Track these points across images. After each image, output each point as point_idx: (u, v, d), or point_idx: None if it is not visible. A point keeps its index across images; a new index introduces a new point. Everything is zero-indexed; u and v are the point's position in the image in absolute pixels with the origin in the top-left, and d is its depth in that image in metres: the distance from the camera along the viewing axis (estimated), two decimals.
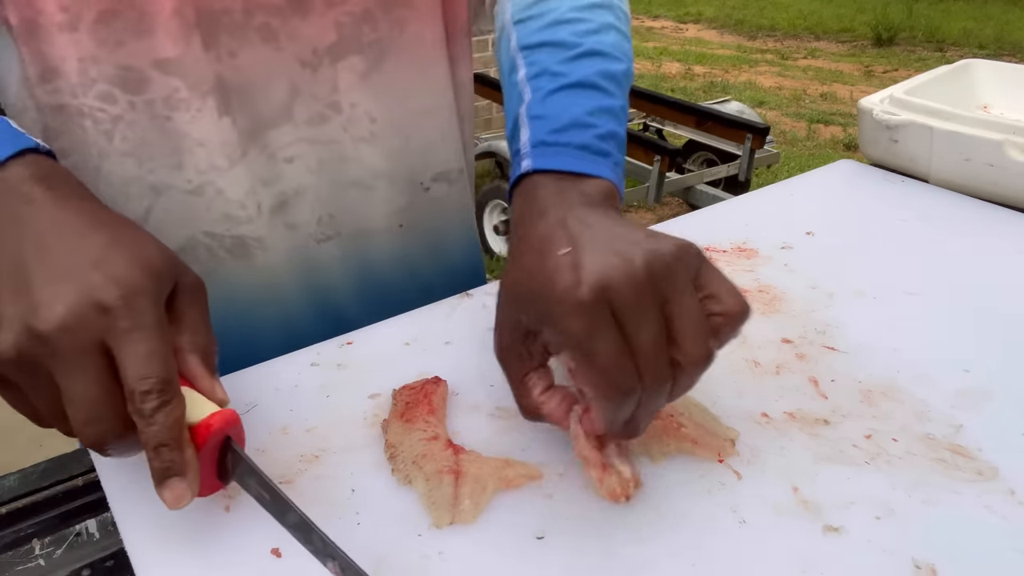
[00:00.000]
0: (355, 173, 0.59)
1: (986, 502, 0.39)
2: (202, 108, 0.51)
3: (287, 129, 0.55)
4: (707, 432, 0.43)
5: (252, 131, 0.54)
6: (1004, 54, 6.04)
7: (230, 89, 0.52)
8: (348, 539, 0.37)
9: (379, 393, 0.47)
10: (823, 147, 4.32)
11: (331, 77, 0.55)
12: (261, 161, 0.55)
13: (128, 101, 0.49)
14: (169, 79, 0.50)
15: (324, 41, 0.54)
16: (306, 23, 0.53)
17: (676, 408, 0.45)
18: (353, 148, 0.58)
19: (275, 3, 0.51)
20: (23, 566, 0.38)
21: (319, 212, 0.59)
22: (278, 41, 0.52)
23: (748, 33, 7.52)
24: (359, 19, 0.55)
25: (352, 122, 0.57)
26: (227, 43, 0.51)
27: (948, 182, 0.78)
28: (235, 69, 0.52)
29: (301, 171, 0.57)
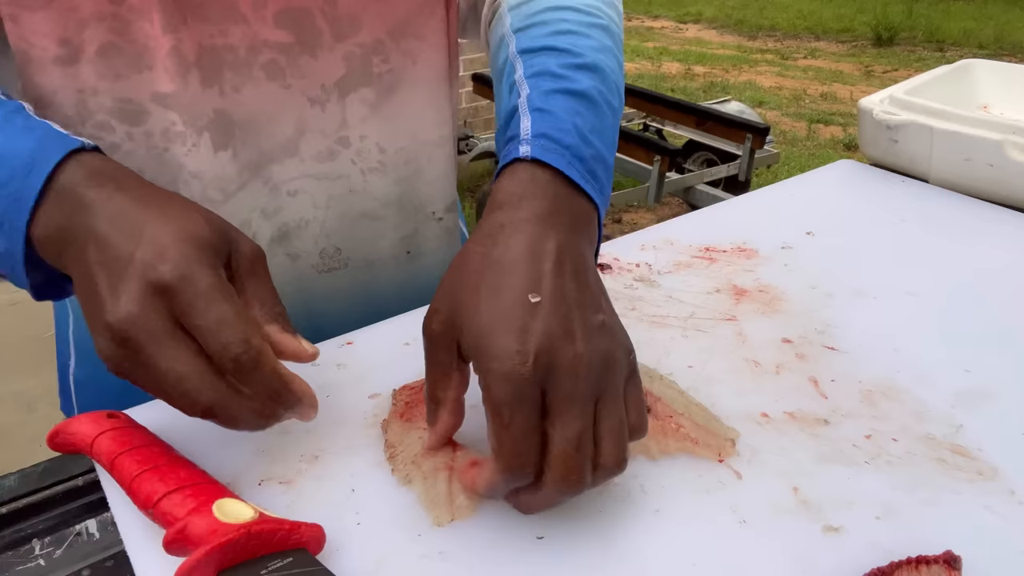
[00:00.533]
0: (364, 204, 0.59)
1: (986, 502, 0.39)
2: (198, 143, 0.51)
3: (292, 164, 0.55)
4: (707, 432, 0.43)
5: (255, 164, 0.54)
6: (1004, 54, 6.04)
7: (233, 124, 0.52)
8: (348, 539, 0.37)
9: (379, 393, 0.47)
10: (823, 147, 4.32)
11: (339, 112, 0.55)
12: (263, 193, 0.55)
13: (126, 132, 0.50)
14: (167, 112, 0.50)
15: (332, 76, 0.54)
16: (315, 60, 0.52)
17: (676, 408, 0.45)
18: (362, 180, 0.58)
19: (282, 41, 0.51)
20: (23, 566, 0.38)
21: (323, 244, 0.59)
22: (284, 78, 0.52)
23: (748, 33, 7.52)
24: (369, 51, 0.54)
25: (361, 154, 0.57)
26: (231, 79, 0.51)
27: (948, 182, 0.78)
28: (239, 105, 0.52)
29: (305, 205, 0.57)
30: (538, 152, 0.40)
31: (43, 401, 1.90)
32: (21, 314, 2.34)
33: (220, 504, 0.34)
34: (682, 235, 0.68)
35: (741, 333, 0.54)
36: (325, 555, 0.36)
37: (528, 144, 0.41)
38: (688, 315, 0.56)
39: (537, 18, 0.50)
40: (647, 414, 0.37)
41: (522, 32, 0.50)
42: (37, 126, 0.39)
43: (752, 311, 0.56)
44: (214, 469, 0.41)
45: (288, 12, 0.50)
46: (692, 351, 0.52)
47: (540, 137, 0.41)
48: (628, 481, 0.40)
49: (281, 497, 0.40)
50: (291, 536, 0.35)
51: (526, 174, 0.40)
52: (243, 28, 0.49)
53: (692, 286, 0.60)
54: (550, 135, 0.41)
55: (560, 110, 0.43)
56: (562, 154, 0.41)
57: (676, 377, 0.49)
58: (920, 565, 0.35)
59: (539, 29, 0.49)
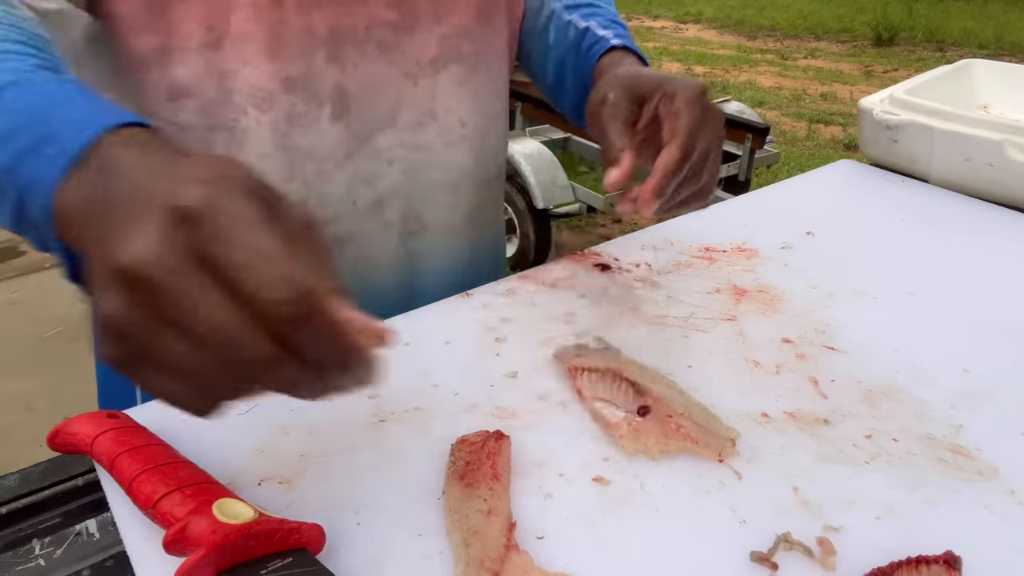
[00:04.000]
0: (443, 174, 0.64)
1: (986, 502, 0.39)
2: (318, 117, 0.56)
3: (390, 133, 0.60)
4: (707, 432, 0.43)
5: (363, 135, 0.59)
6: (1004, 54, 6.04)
7: (350, 97, 0.57)
8: (348, 539, 0.37)
9: (379, 393, 0.47)
10: (823, 147, 4.32)
11: (431, 86, 0.61)
12: (366, 162, 0.60)
13: (256, 119, 0.54)
14: (289, 96, 0.54)
15: (427, 54, 0.60)
16: (413, 38, 0.58)
17: (676, 409, 0.45)
18: (444, 152, 0.63)
19: (390, 19, 0.57)
20: (23, 566, 0.38)
21: (406, 210, 0.63)
22: (390, 54, 0.58)
23: (748, 33, 7.52)
24: (460, 33, 0.61)
25: (446, 128, 0.63)
26: (351, 55, 0.56)
27: (948, 182, 0.78)
28: (355, 79, 0.57)
29: (398, 173, 0.61)
30: (628, 43, 0.63)
31: (43, 401, 1.89)
32: (21, 314, 2.34)
33: (220, 504, 0.34)
34: (682, 235, 0.68)
35: (741, 333, 0.54)
36: (325, 555, 0.36)
37: (621, 39, 0.62)
38: (688, 315, 0.56)
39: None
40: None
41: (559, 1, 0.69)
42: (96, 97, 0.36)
43: (752, 311, 0.57)
44: (214, 469, 0.41)
45: None
46: (692, 351, 0.52)
47: (622, 38, 0.63)
48: (628, 481, 0.40)
49: (281, 497, 0.40)
50: (291, 536, 0.35)
51: (622, 53, 0.62)
52: (362, 8, 0.55)
53: (692, 286, 0.60)
54: (625, 37, 0.63)
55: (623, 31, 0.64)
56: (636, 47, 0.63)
57: (676, 377, 0.49)
58: (920, 565, 0.35)
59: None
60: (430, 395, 0.47)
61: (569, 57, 0.65)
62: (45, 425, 0.39)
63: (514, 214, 2.81)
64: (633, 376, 0.47)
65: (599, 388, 0.47)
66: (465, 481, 0.40)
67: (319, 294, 0.27)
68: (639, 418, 0.44)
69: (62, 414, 0.72)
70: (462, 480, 0.40)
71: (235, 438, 0.44)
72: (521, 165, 2.70)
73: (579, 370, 0.48)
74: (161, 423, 0.43)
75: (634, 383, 0.46)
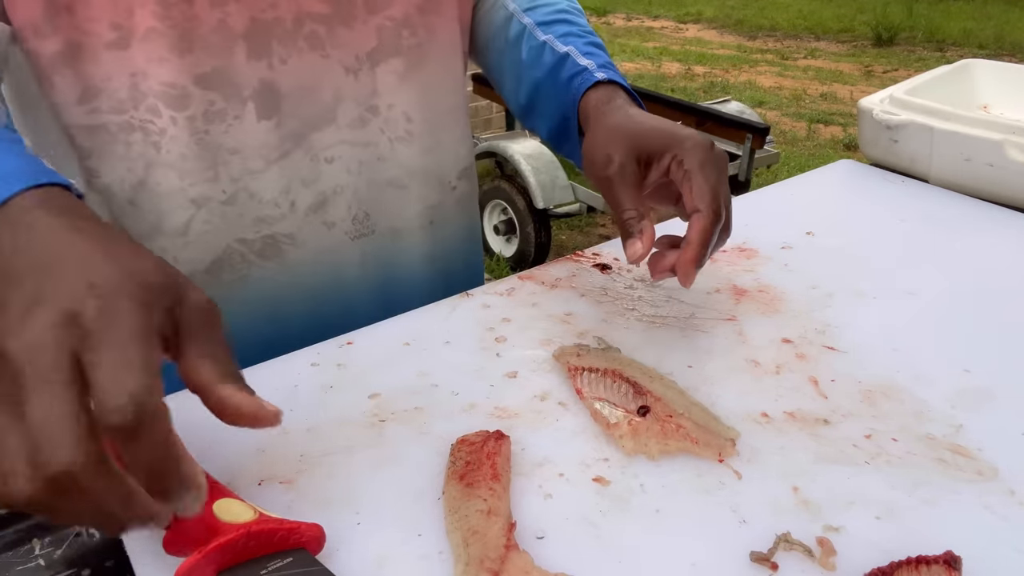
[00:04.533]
0: (391, 172, 0.63)
1: (986, 502, 0.39)
2: (240, 115, 0.54)
3: (330, 131, 0.58)
4: (707, 432, 0.43)
5: (298, 134, 0.57)
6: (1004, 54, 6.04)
7: (280, 95, 0.55)
8: (348, 539, 0.37)
9: (379, 393, 0.47)
10: (823, 147, 4.32)
11: (371, 81, 0.59)
12: (304, 162, 0.58)
13: (171, 117, 0.52)
14: (206, 93, 0.52)
15: (366, 47, 0.57)
16: (350, 30, 0.56)
17: (676, 409, 0.45)
18: (390, 148, 0.62)
19: (322, 12, 0.55)
20: (23, 566, 0.38)
21: (355, 210, 0.62)
22: (324, 48, 0.56)
23: (748, 33, 7.52)
24: (399, 24, 0.58)
25: (389, 123, 0.61)
26: (279, 51, 0.54)
27: (948, 182, 0.78)
28: (285, 75, 0.55)
29: (340, 171, 0.60)
30: (612, 75, 0.57)
31: None
32: None
33: (220, 504, 0.34)
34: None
35: (741, 333, 0.54)
36: (325, 555, 0.36)
37: (604, 71, 0.57)
38: (688, 315, 0.56)
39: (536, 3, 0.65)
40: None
41: (530, 11, 0.64)
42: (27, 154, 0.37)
43: (752, 311, 0.57)
44: (214, 469, 0.41)
45: None
46: (692, 351, 0.52)
47: (605, 67, 0.58)
48: (628, 481, 0.40)
49: (281, 497, 0.40)
50: (291, 536, 0.35)
51: (607, 88, 0.56)
52: (289, 1, 0.53)
53: (692, 286, 0.60)
54: (608, 67, 0.58)
55: (601, 54, 0.60)
56: (619, 76, 0.58)
57: (676, 377, 0.49)
58: (920, 565, 0.35)
59: (544, 9, 0.64)
60: (430, 395, 0.47)
61: (546, 84, 0.60)
62: None
63: (514, 214, 2.81)
64: (633, 376, 0.47)
65: (599, 388, 0.47)
66: (465, 481, 0.40)
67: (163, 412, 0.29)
68: (639, 418, 0.44)
69: None
70: (462, 480, 0.40)
71: (235, 438, 0.44)
72: (521, 165, 2.70)
73: (579, 370, 0.48)
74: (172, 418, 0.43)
75: (634, 383, 0.46)
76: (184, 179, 0.54)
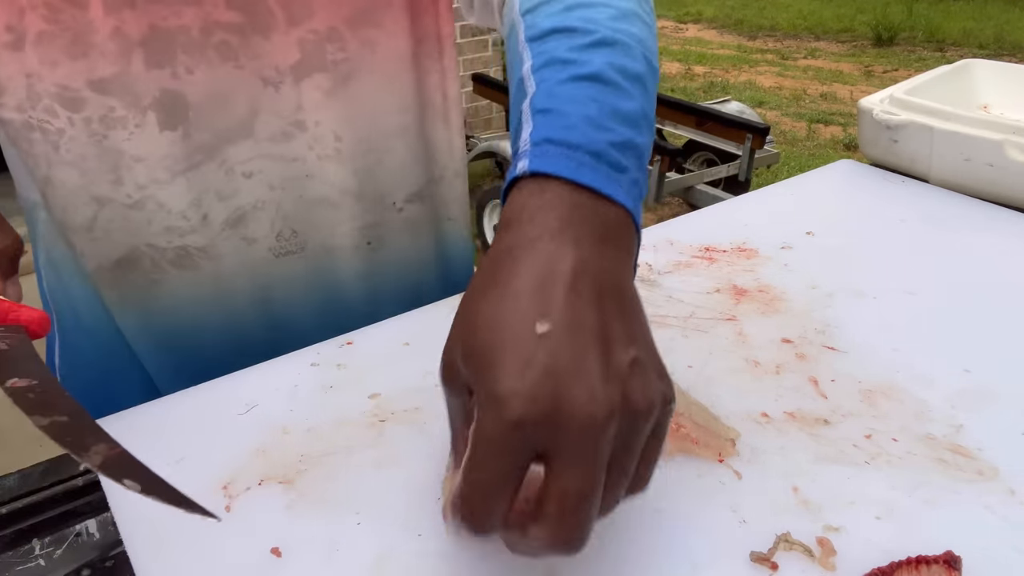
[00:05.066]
0: (320, 190, 0.59)
1: (986, 502, 0.39)
2: (141, 124, 0.52)
3: (247, 145, 0.55)
4: (707, 432, 0.43)
5: (209, 146, 0.54)
6: (1004, 54, 6.04)
7: (186, 105, 0.52)
8: (348, 539, 0.37)
9: (379, 393, 0.47)
10: (823, 147, 4.32)
11: (295, 95, 0.55)
12: (218, 175, 0.55)
13: (68, 118, 0.50)
14: (104, 98, 0.50)
15: (287, 60, 0.54)
16: (268, 42, 0.53)
17: (677, 409, 0.44)
18: (318, 165, 0.58)
19: (234, 22, 0.51)
20: (23, 566, 0.38)
21: (279, 227, 0.59)
22: (238, 59, 0.52)
23: (748, 33, 7.52)
24: (323, 38, 0.54)
25: (317, 140, 0.57)
26: (184, 60, 0.51)
27: (948, 182, 0.78)
28: (192, 86, 0.52)
29: (261, 186, 0.57)
30: (540, 164, 0.34)
31: None
32: None
33: None
34: (682, 235, 0.68)
35: (741, 333, 0.54)
36: (325, 555, 0.36)
37: (527, 157, 0.35)
38: (688, 315, 0.56)
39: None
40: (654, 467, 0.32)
41: (531, 14, 0.43)
42: None
43: (752, 311, 0.57)
44: (214, 468, 0.41)
45: None
46: (692, 351, 0.52)
47: (542, 143, 0.35)
48: None
49: (281, 497, 0.40)
50: (9, 314, 0.41)
51: (534, 187, 0.34)
52: (195, 9, 0.50)
53: (692, 286, 0.60)
54: (554, 139, 0.35)
55: (567, 104, 0.36)
56: (570, 157, 0.34)
57: (676, 377, 0.49)
58: (920, 565, 0.35)
59: (548, 7, 0.43)
60: (430, 395, 0.47)
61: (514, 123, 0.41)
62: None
63: None
64: None
65: None
66: None
67: None
68: None
69: None
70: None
71: (235, 438, 0.44)
72: None
73: None
74: (160, 423, 0.44)
75: None
76: (85, 176, 0.53)
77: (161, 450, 0.43)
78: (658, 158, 2.71)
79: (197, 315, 0.59)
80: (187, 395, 0.48)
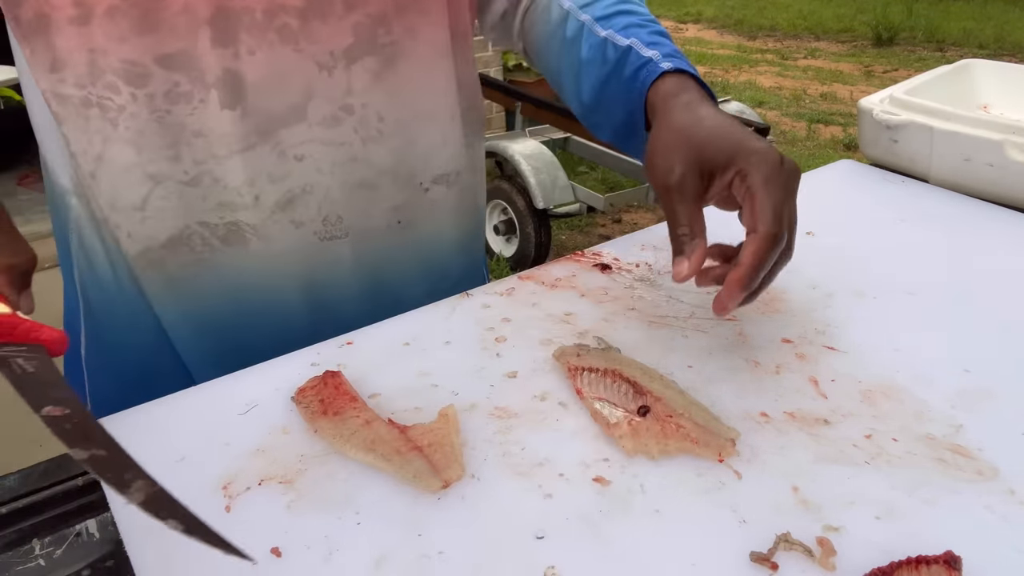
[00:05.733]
0: (362, 172, 0.60)
1: (986, 502, 0.39)
2: (205, 100, 0.53)
3: (300, 129, 0.56)
4: (707, 432, 0.43)
5: (265, 127, 0.55)
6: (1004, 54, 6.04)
7: (245, 85, 0.53)
8: (348, 539, 0.37)
9: (379, 393, 0.47)
10: (823, 147, 4.32)
11: (346, 79, 0.56)
12: (271, 157, 0.56)
13: (131, 93, 0.51)
14: (170, 73, 0.52)
15: (341, 44, 0.55)
16: (325, 25, 0.54)
17: (676, 409, 0.45)
18: (362, 149, 0.59)
19: (296, 5, 0.53)
20: (23, 566, 0.38)
21: (326, 211, 0.60)
22: (297, 43, 0.54)
23: (748, 33, 7.52)
24: (375, 22, 0.56)
25: (363, 123, 0.59)
26: (246, 41, 0.52)
27: (948, 182, 0.78)
28: (253, 66, 0.53)
29: (310, 170, 0.58)
30: (680, 65, 0.55)
31: None
32: None
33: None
34: None
35: (741, 333, 0.54)
36: (326, 555, 0.36)
37: (670, 60, 0.55)
38: (688, 315, 0.56)
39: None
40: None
41: (588, 7, 0.62)
42: None
43: (752, 311, 0.56)
44: (214, 468, 0.41)
45: None
46: (692, 351, 0.52)
47: (671, 57, 0.55)
48: (628, 481, 0.40)
49: (281, 497, 0.40)
50: (31, 333, 0.42)
51: (679, 77, 0.54)
52: None
53: (692, 286, 0.60)
54: (674, 55, 0.56)
55: (666, 42, 0.58)
56: (687, 64, 0.56)
57: (676, 377, 0.49)
58: (920, 565, 0.35)
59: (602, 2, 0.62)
60: (430, 395, 0.47)
61: (610, 80, 0.58)
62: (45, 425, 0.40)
63: (514, 214, 2.81)
64: (633, 376, 0.47)
65: (599, 388, 0.47)
66: (331, 412, 0.44)
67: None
68: (639, 418, 0.44)
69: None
70: (326, 414, 0.44)
71: (235, 438, 0.44)
72: (521, 165, 2.70)
73: (579, 370, 0.48)
74: (163, 423, 0.43)
75: (634, 383, 0.46)
76: (142, 154, 0.53)
77: (161, 450, 0.43)
78: None
79: (240, 299, 0.60)
80: (187, 395, 0.48)
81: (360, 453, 0.41)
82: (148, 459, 0.42)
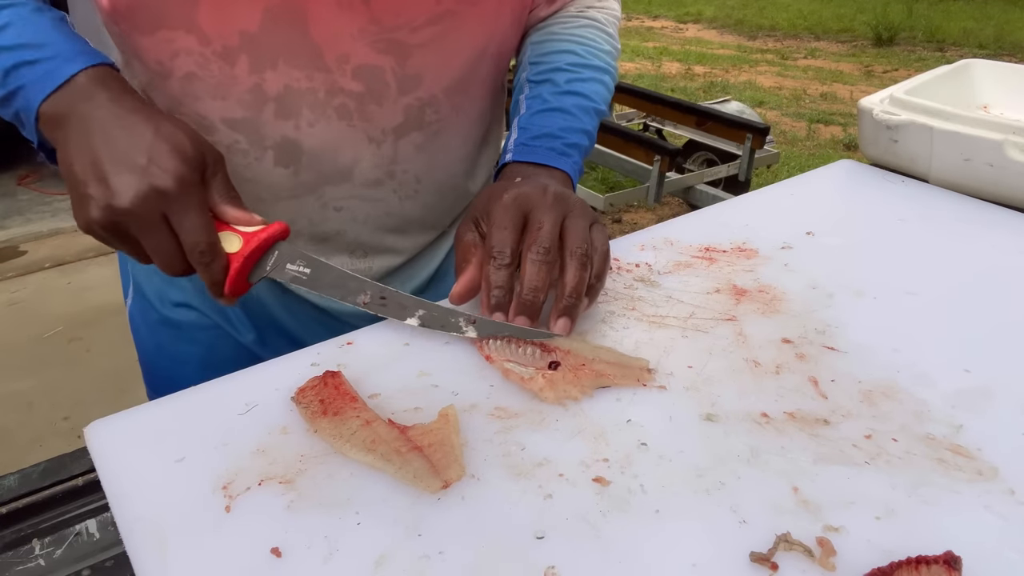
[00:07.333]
0: (394, 222, 0.68)
1: (986, 502, 0.39)
2: (260, 158, 0.60)
3: (345, 187, 0.63)
4: (621, 366, 0.47)
5: (312, 184, 0.63)
6: (1004, 54, 6.04)
7: (301, 151, 0.61)
8: (348, 539, 0.37)
9: (379, 393, 0.47)
10: (823, 147, 4.32)
11: (392, 151, 0.63)
12: (314, 207, 0.64)
13: None
14: (233, 133, 0.59)
15: (392, 122, 0.62)
16: (380, 108, 0.60)
17: (586, 356, 0.48)
18: (398, 204, 0.67)
19: (355, 90, 0.59)
20: (23, 566, 0.38)
21: (354, 248, 0.68)
22: (351, 120, 0.60)
23: (748, 33, 7.52)
24: (425, 104, 0.62)
25: (402, 185, 0.66)
26: (307, 115, 0.59)
27: (948, 182, 0.78)
28: (310, 136, 0.60)
29: (346, 219, 0.66)
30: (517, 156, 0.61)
31: (43, 401, 1.89)
32: (21, 314, 2.34)
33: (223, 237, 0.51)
34: (682, 235, 0.68)
35: (741, 333, 0.54)
36: (325, 554, 0.36)
37: (511, 152, 0.62)
38: (688, 315, 0.56)
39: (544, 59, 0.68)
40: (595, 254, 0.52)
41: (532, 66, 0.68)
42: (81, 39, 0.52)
43: (752, 311, 0.57)
44: (214, 468, 0.41)
45: (364, 68, 0.58)
46: (692, 351, 0.52)
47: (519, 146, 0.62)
48: (628, 481, 0.40)
49: (281, 497, 0.40)
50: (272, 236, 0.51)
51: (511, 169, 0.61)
52: (325, 75, 0.57)
53: (692, 286, 0.60)
54: (526, 143, 0.62)
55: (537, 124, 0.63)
56: (532, 151, 0.61)
57: (676, 377, 0.49)
58: (920, 565, 0.35)
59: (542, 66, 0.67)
60: (430, 395, 0.47)
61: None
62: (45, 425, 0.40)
63: None
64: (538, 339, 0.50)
65: (506, 351, 0.49)
66: (331, 413, 0.44)
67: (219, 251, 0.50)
68: (551, 371, 0.47)
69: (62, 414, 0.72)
70: (326, 414, 0.44)
71: (235, 438, 0.44)
72: None
73: (484, 339, 0.50)
74: (169, 423, 0.43)
75: (541, 344, 0.49)
76: None
77: (161, 450, 0.43)
78: (658, 158, 2.70)
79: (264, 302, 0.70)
80: (187, 395, 0.48)
81: (360, 453, 0.42)
82: (148, 459, 0.42)
